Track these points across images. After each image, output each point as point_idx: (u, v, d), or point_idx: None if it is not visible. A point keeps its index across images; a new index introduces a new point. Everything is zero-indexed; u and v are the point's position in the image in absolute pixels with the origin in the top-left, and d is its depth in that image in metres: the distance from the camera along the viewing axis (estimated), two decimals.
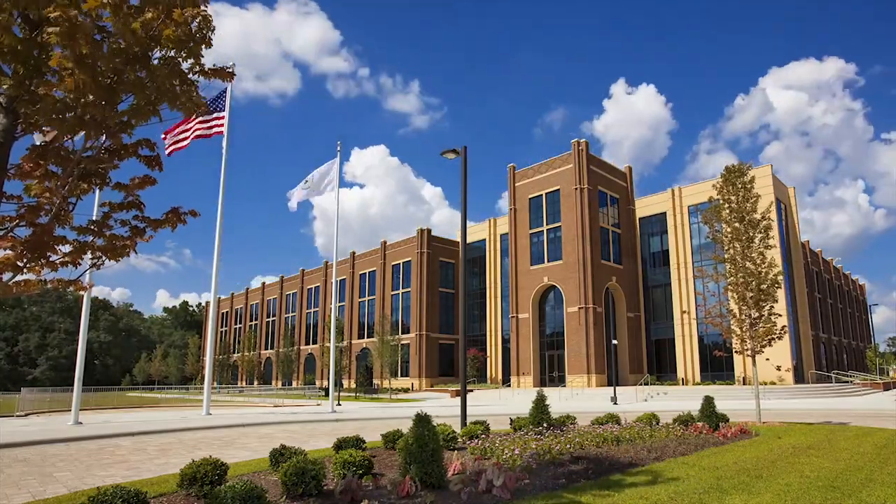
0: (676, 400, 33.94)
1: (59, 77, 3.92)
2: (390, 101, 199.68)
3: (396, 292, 66.51)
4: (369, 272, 70.89)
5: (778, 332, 17.62)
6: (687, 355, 48.06)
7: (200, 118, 22.12)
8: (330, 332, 32.55)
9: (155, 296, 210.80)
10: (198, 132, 22.76)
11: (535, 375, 49.29)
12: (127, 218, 5.07)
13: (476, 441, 11.04)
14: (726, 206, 18.94)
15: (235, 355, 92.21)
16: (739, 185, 18.76)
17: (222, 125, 23.89)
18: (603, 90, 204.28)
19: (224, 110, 24.06)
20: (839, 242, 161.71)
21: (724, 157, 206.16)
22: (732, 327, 18.39)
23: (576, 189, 47.73)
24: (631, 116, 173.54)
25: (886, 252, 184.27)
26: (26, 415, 30.09)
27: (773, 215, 24.19)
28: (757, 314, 17.80)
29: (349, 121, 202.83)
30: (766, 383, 37.80)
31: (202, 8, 4.25)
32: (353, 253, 74.01)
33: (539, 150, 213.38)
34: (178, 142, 22.45)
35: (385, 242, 69.44)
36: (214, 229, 24.63)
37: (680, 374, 48.06)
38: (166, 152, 22.42)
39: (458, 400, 25.15)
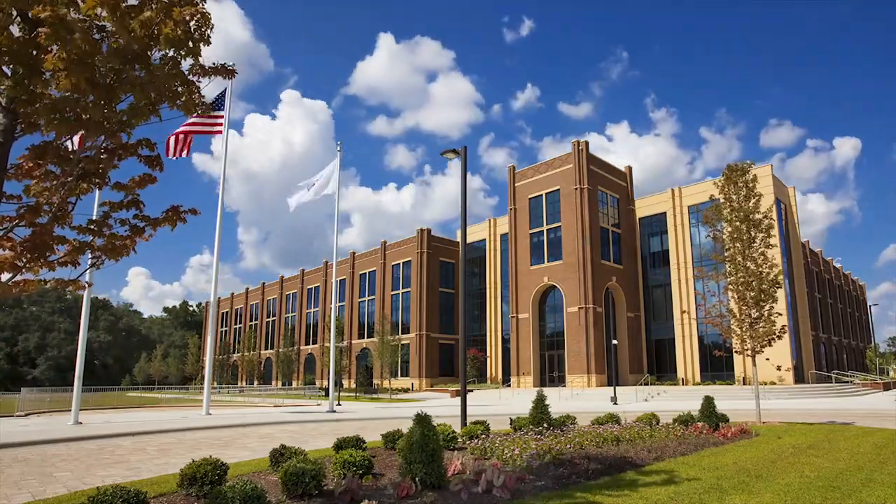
0: (676, 400, 33.92)
1: (56, 77, 3.91)
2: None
3: (396, 292, 66.49)
4: (369, 272, 70.89)
5: (778, 331, 17.59)
6: (687, 355, 48.04)
7: (202, 116, 22.06)
8: (330, 332, 32.54)
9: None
10: (199, 129, 22.67)
11: (535, 375, 49.28)
12: (126, 217, 5.06)
13: (476, 441, 11.03)
14: (727, 205, 18.90)
15: (235, 355, 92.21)
16: (741, 184, 18.70)
17: (222, 124, 23.86)
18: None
19: (224, 109, 24.02)
20: None
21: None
22: (732, 327, 18.36)
23: (576, 189, 47.73)
24: None
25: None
26: (26, 415, 30.10)
27: (774, 215, 24.18)
28: (757, 314, 17.78)
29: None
30: (766, 383, 37.77)
31: (200, 6, 4.24)
32: (353, 253, 74.05)
33: None
34: (181, 146, 22.36)
35: (385, 242, 69.44)
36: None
37: (680, 374, 48.03)
38: (173, 156, 22.39)
39: (458, 400, 25.14)
